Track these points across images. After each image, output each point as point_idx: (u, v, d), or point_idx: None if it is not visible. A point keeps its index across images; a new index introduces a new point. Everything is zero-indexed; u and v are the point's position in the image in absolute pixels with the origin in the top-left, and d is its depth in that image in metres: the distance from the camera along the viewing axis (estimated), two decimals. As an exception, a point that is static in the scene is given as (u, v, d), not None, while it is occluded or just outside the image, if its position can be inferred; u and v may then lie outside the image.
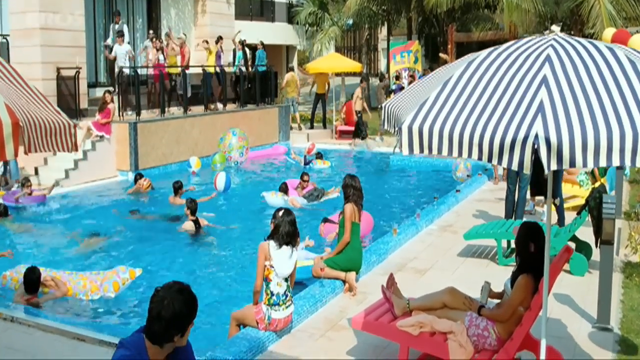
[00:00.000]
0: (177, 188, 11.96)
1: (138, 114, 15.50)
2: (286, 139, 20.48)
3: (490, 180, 13.66)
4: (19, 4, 15.21)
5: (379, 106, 21.80)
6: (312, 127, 22.56)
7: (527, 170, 3.36)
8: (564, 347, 5.52)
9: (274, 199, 11.76)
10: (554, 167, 3.33)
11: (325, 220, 9.79)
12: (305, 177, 12.70)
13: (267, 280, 5.78)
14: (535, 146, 3.31)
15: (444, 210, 11.09)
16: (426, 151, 3.75)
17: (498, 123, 3.51)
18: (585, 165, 3.33)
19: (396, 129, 3.93)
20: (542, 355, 4.45)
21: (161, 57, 16.73)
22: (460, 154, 3.62)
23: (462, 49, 24.66)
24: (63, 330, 6.04)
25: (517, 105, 3.54)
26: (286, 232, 5.79)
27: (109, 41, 16.49)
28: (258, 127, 19.07)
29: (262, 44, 21.61)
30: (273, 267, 5.75)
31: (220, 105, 18.66)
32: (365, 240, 9.14)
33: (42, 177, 13.99)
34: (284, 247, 5.78)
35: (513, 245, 8.94)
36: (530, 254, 4.87)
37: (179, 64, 17.44)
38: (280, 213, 5.94)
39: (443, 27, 27.74)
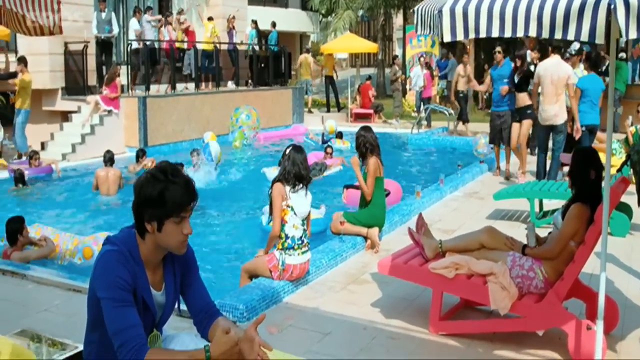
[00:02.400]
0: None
1: (147, 88, 14.98)
2: (300, 121, 19.92)
3: (490, 171, 11.63)
4: (25, -24, 14.73)
5: (392, 94, 21.19)
6: (328, 111, 22.13)
7: (600, 39, 2.76)
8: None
9: (275, 173, 11.18)
10: (632, 34, 2.73)
11: (348, 186, 9.18)
12: (329, 150, 12.63)
13: (282, 222, 5.22)
14: (612, 7, 2.72)
15: (468, 179, 10.47)
16: (472, 34, 3.17)
17: (562, -11, 2.92)
18: (672, 32, 2.74)
19: (435, 13, 3.34)
20: (602, 290, 3.82)
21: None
22: (514, 32, 3.03)
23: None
24: (57, 281, 5.53)
25: (584, -31, 2.95)
26: (294, 173, 5.27)
27: (94, 30, 15.21)
28: (271, 108, 18.51)
29: (274, 25, 21.11)
30: (290, 207, 5.20)
31: (232, 85, 18.17)
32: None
33: (49, 151, 13.54)
34: (298, 186, 5.26)
35: (545, 208, 8.39)
36: (590, 182, 4.29)
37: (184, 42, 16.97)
38: (288, 150, 5.42)
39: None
